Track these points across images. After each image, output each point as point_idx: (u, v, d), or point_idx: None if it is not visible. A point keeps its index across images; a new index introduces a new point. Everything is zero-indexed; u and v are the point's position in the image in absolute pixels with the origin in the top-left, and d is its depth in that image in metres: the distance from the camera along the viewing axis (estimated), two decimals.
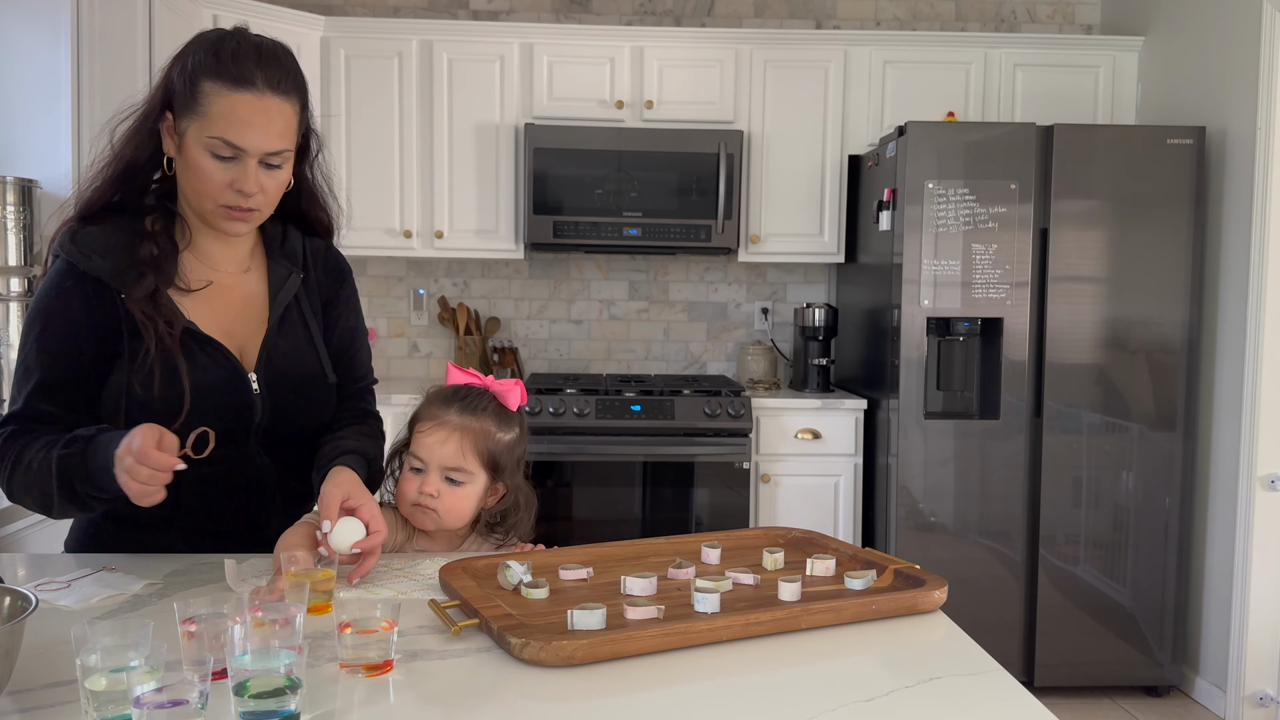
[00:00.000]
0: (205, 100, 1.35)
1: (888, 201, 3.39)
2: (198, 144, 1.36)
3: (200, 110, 1.35)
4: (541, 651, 1.04)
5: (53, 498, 1.33)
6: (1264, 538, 3.14)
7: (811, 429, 3.62)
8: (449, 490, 1.50)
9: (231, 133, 1.35)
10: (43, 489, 1.33)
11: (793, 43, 3.81)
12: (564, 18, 4.12)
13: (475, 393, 1.55)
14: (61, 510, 1.35)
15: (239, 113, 1.35)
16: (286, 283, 1.53)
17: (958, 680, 1.05)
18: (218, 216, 1.41)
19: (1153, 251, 3.28)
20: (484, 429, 1.51)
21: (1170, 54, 3.65)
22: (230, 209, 1.40)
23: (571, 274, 4.20)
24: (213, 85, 1.35)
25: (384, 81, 3.73)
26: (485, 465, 1.52)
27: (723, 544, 1.45)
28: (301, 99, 1.42)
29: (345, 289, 1.63)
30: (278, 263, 1.53)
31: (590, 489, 3.54)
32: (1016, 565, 3.34)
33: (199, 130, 1.36)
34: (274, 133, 1.37)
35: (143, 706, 0.82)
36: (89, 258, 1.38)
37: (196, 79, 1.36)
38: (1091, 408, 3.31)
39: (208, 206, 1.41)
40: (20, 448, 1.35)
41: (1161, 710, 3.29)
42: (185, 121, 1.37)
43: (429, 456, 1.50)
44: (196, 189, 1.39)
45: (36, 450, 1.34)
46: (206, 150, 1.36)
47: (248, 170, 1.37)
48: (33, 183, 2.61)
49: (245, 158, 1.37)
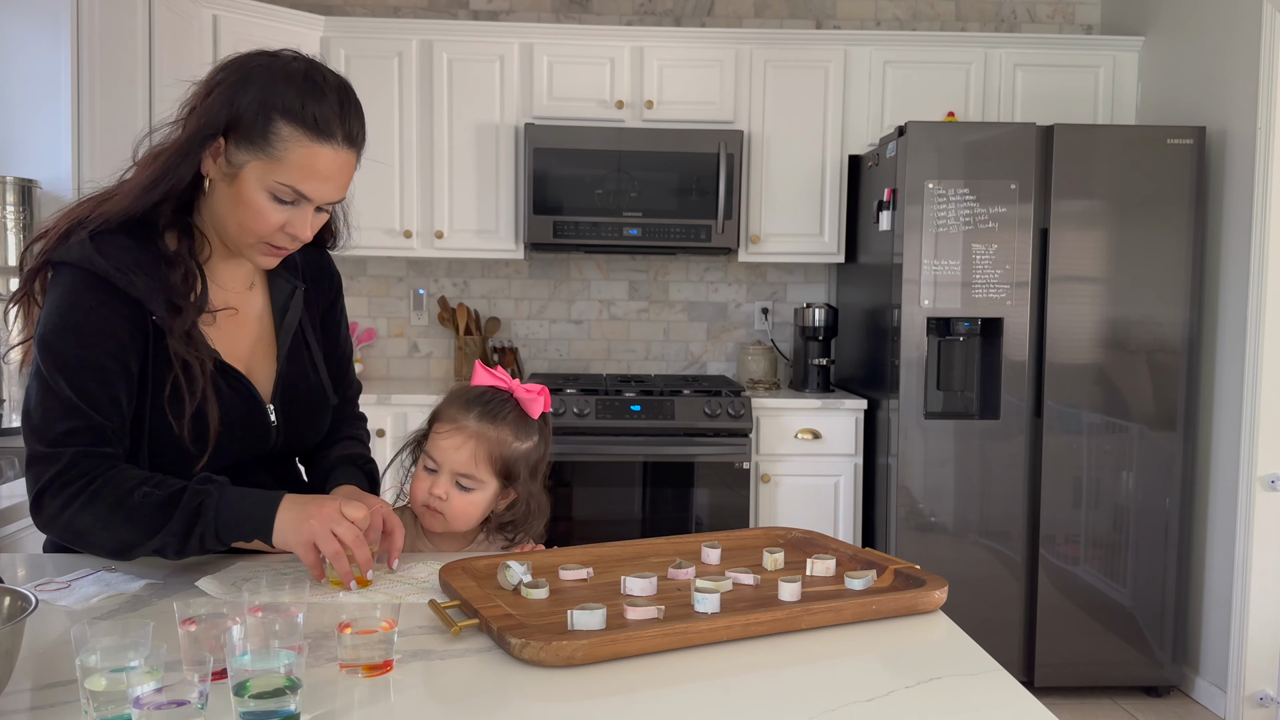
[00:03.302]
0: (281, 144, 1.28)
1: (888, 201, 3.39)
2: (259, 184, 1.30)
3: (273, 153, 1.28)
4: (541, 651, 1.04)
5: (153, 535, 1.25)
6: (1264, 538, 3.14)
7: (811, 429, 3.62)
8: (458, 495, 1.50)
9: (304, 184, 1.30)
10: (144, 525, 1.25)
11: (793, 43, 3.81)
12: (564, 18, 4.12)
13: (499, 399, 1.53)
14: (145, 550, 1.27)
15: (316, 165, 1.30)
16: (291, 301, 1.50)
17: (958, 680, 1.04)
18: (256, 251, 1.37)
19: (1153, 251, 3.28)
20: (500, 437, 1.50)
21: (1170, 54, 3.65)
22: (273, 246, 1.36)
23: (571, 274, 4.20)
24: (291, 130, 1.28)
25: (384, 81, 3.73)
26: (497, 473, 1.51)
27: (723, 544, 1.44)
28: (364, 146, 1.38)
29: (340, 298, 1.64)
30: (279, 277, 1.51)
31: (590, 489, 3.54)
32: (1016, 565, 3.34)
33: (265, 171, 1.29)
34: (340, 184, 1.34)
35: (143, 706, 0.82)
36: (124, 273, 1.29)
37: (272, 117, 1.27)
38: (1091, 408, 3.31)
39: (249, 241, 1.35)
40: (102, 476, 1.25)
41: (1161, 710, 3.29)
42: (247, 155, 1.29)
43: (442, 459, 1.50)
44: (244, 225, 1.33)
45: (132, 482, 1.25)
46: (268, 192, 1.30)
47: (305, 217, 1.34)
48: (33, 183, 2.62)
49: (305, 205, 1.33)
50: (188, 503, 1.26)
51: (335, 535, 1.25)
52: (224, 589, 1.28)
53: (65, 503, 1.25)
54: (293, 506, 1.28)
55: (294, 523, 1.27)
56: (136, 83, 2.99)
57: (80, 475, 1.25)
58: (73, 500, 1.25)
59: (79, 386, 1.27)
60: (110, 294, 1.30)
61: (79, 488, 1.25)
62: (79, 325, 1.28)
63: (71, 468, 1.25)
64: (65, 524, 1.26)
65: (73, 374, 1.27)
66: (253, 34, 3.48)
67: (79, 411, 1.27)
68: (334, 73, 1.35)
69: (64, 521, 1.26)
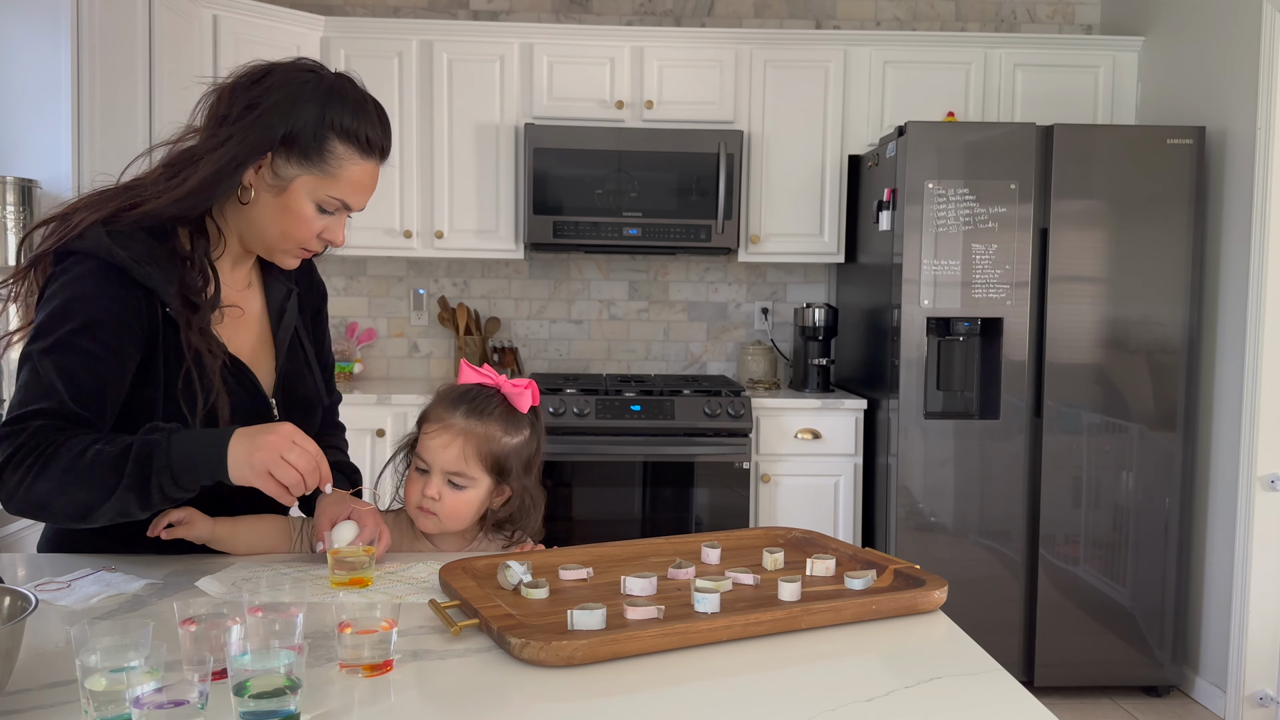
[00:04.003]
0: (336, 162, 1.35)
1: (888, 201, 3.39)
2: (309, 196, 1.36)
3: (328, 170, 1.35)
4: (541, 651, 1.04)
5: (111, 492, 1.23)
6: (1264, 538, 3.14)
7: (811, 429, 3.62)
8: (451, 494, 1.50)
9: (353, 197, 1.39)
10: (99, 483, 1.23)
11: (793, 43, 3.81)
12: (564, 18, 4.12)
13: (485, 395, 1.53)
14: (109, 510, 1.25)
15: (364, 180, 1.39)
16: (286, 303, 1.54)
17: (958, 680, 1.05)
18: (286, 254, 1.43)
19: (1153, 251, 3.28)
20: (488, 433, 1.50)
21: (1170, 54, 3.65)
22: (306, 250, 1.43)
23: (571, 274, 4.20)
24: (347, 150, 1.36)
25: (384, 81, 3.73)
26: (489, 469, 1.51)
27: (723, 544, 1.44)
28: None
29: (325, 308, 1.68)
30: (274, 278, 1.55)
31: (590, 489, 3.54)
32: (1016, 565, 3.34)
33: (319, 186, 1.36)
34: (372, 193, 1.43)
35: (143, 706, 0.82)
36: (140, 265, 1.31)
37: (328, 136, 1.34)
38: (1091, 408, 3.31)
39: (287, 246, 1.41)
40: (56, 443, 1.24)
41: (1161, 710, 3.29)
42: (298, 170, 1.35)
43: (432, 460, 1.50)
44: (287, 232, 1.39)
45: (84, 444, 1.24)
46: (316, 204, 1.37)
47: (341, 223, 1.42)
48: (33, 183, 2.62)
49: (343, 213, 1.41)
50: (138, 453, 1.24)
51: (288, 462, 1.26)
52: (224, 589, 1.28)
53: (23, 475, 1.24)
54: (242, 440, 1.27)
55: (245, 455, 1.26)
56: (136, 83, 2.99)
57: (36, 446, 1.24)
58: (30, 471, 1.23)
59: (63, 370, 1.27)
60: (122, 285, 1.31)
61: (34, 458, 1.24)
62: (82, 312, 1.29)
63: (28, 441, 1.25)
64: (24, 495, 1.25)
65: (60, 357, 1.28)
66: (253, 34, 3.48)
67: (54, 394, 1.27)
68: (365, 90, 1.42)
69: (23, 493, 1.25)
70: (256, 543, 1.47)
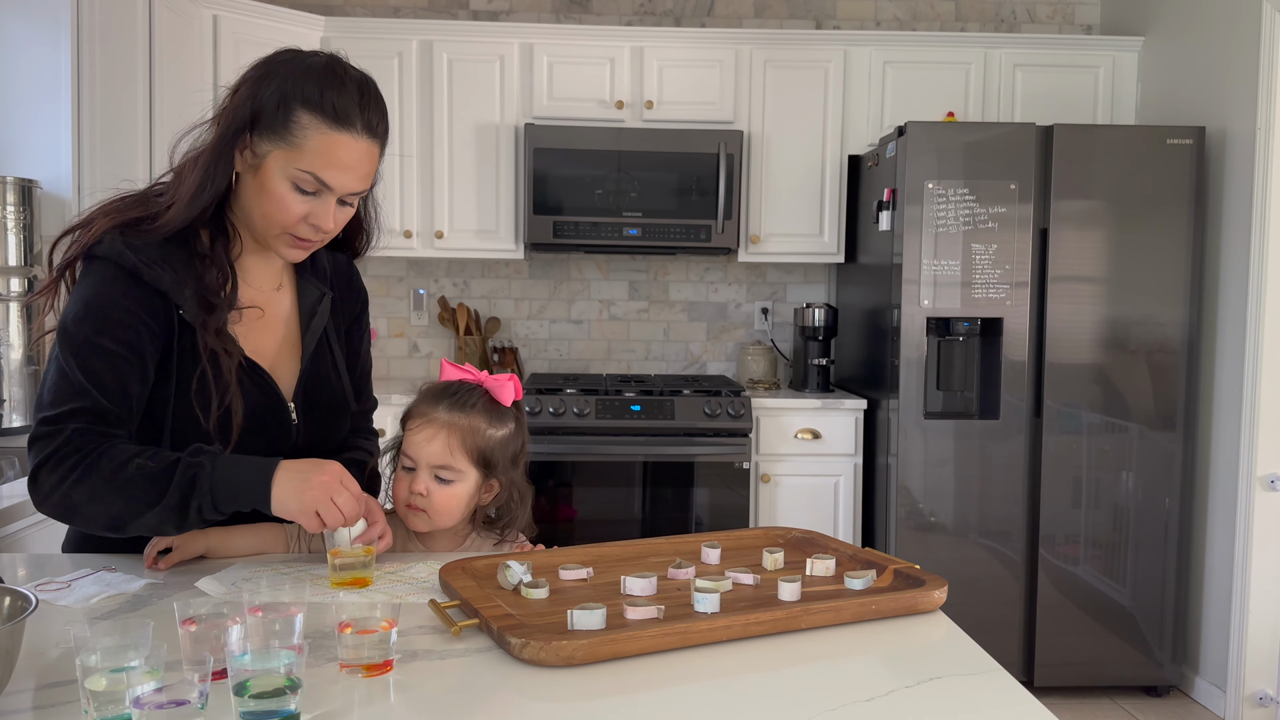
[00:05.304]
0: (300, 132, 1.31)
1: (887, 201, 3.39)
2: (281, 172, 1.33)
3: (293, 141, 1.32)
4: (541, 651, 1.04)
5: (149, 508, 1.25)
6: (1264, 538, 3.14)
7: (811, 429, 3.62)
8: (438, 489, 1.49)
9: (324, 171, 1.33)
10: (138, 497, 1.24)
11: (792, 43, 3.81)
12: (564, 18, 4.12)
13: (466, 389, 1.54)
14: (142, 525, 1.27)
15: (335, 153, 1.33)
16: (318, 306, 1.53)
17: (958, 680, 1.05)
18: (281, 243, 1.40)
19: (1153, 251, 3.28)
20: (473, 425, 1.50)
21: (1170, 54, 3.65)
22: (298, 238, 1.39)
23: (571, 274, 4.20)
24: (311, 118, 1.31)
25: (384, 82, 3.65)
26: (475, 462, 1.50)
27: (723, 544, 1.44)
28: (387, 140, 1.41)
29: (365, 314, 1.66)
30: (308, 281, 1.53)
31: (590, 489, 3.54)
32: (1016, 565, 3.34)
33: (287, 160, 1.32)
34: (362, 175, 1.37)
35: (143, 706, 0.82)
36: (151, 268, 1.33)
37: (292, 106, 1.31)
38: (1091, 408, 3.31)
39: (274, 232, 1.38)
40: (98, 451, 1.25)
41: (1161, 710, 3.29)
42: (269, 145, 1.32)
43: (417, 454, 1.50)
44: (268, 215, 1.36)
45: (126, 455, 1.25)
46: (290, 181, 1.33)
47: (328, 207, 1.36)
48: (33, 183, 2.61)
49: (327, 195, 1.35)
50: (182, 474, 1.26)
51: (335, 504, 1.27)
52: (224, 589, 1.28)
53: (61, 477, 1.25)
54: (292, 476, 1.29)
55: (294, 492, 1.28)
56: (136, 83, 2.99)
57: (76, 450, 1.25)
58: (68, 475, 1.24)
59: (89, 371, 1.29)
60: (136, 286, 1.33)
61: (74, 462, 1.25)
62: (99, 313, 1.31)
63: (68, 443, 1.26)
64: (61, 499, 1.26)
65: (85, 359, 1.29)
66: (253, 34, 3.48)
67: (85, 393, 1.28)
68: (357, 69, 1.39)
69: (59, 496, 1.25)
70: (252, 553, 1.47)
